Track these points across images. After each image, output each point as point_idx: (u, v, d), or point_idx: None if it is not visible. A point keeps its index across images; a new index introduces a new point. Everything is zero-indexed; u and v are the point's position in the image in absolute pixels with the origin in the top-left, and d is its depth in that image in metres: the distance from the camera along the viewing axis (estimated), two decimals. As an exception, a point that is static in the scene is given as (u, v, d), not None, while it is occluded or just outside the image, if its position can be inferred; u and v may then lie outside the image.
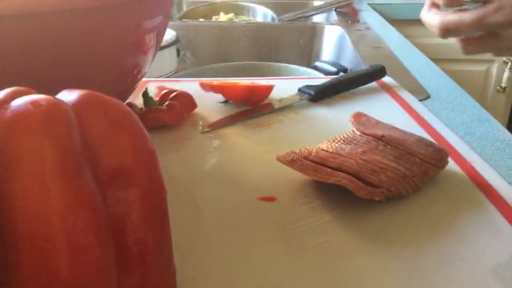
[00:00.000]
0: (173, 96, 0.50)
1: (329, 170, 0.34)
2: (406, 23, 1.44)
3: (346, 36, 1.03)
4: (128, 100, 0.49)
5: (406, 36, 1.06)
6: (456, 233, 0.31)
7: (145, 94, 0.50)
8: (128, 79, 0.43)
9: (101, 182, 0.19)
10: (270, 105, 0.54)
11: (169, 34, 0.86)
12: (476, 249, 0.30)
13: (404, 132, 0.40)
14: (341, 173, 0.33)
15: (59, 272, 0.18)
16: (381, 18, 1.30)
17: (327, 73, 0.82)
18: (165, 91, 0.52)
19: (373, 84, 0.62)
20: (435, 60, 0.86)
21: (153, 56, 0.46)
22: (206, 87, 0.55)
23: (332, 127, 0.49)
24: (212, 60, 1.10)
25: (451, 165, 0.40)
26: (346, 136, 0.39)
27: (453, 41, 0.40)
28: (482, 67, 1.49)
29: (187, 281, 0.27)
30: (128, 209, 0.20)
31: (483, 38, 0.38)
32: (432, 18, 0.39)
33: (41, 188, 0.17)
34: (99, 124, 0.20)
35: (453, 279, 0.28)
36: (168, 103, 0.49)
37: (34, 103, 0.18)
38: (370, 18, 1.27)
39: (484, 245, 0.30)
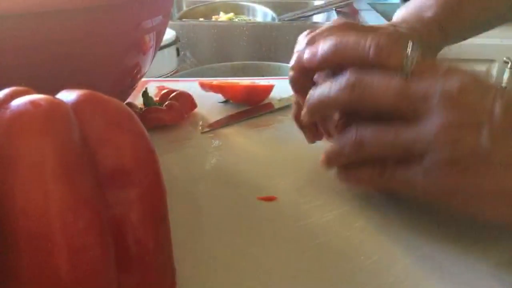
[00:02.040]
0: (173, 96, 0.50)
1: None
2: (406, 23, 1.44)
3: (346, 36, 1.03)
4: (128, 100, 0.49)
5: (406, 36, 1.06)
6: (456, 233, 0.31)
7: (145, 94, 0.49)
8: (128, 79, 0.43)
9: (101, 182, 0.19)
10: (270, 105, 0.54)
11: (169, 34, 0.86)
12: (476, 249, 0.30)
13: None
14: None
15: (59, 272, 0.18)
16: (381, 17, 1.30)
17: (327, 73, 0.82)
18: (165, 91, 0.52)
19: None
20: (435, 60, 0.85)
21: (153, 56, 0.46)
22: (206, 87, 0.55)
23: (332, 127, 0.49)
24: (212, 60, 1.10)
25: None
26: None
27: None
28: (482, 67, 1.49)
29: (187, 281, 0.27)
30: (128, 209, 0.20)
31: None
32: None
33: (41, 188, 0.17)
34: (99, 124, 0.20)
35: (453, 279, 0.28)
36: (168, 103, 0.48)
37: (33, 103, 0.18)
38: (370, 18, 1.27)
39: (484, 245, 0.30)
